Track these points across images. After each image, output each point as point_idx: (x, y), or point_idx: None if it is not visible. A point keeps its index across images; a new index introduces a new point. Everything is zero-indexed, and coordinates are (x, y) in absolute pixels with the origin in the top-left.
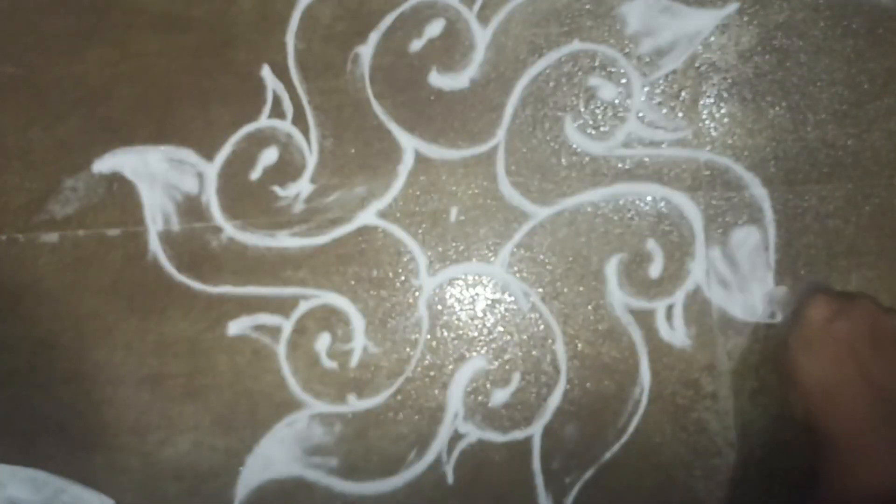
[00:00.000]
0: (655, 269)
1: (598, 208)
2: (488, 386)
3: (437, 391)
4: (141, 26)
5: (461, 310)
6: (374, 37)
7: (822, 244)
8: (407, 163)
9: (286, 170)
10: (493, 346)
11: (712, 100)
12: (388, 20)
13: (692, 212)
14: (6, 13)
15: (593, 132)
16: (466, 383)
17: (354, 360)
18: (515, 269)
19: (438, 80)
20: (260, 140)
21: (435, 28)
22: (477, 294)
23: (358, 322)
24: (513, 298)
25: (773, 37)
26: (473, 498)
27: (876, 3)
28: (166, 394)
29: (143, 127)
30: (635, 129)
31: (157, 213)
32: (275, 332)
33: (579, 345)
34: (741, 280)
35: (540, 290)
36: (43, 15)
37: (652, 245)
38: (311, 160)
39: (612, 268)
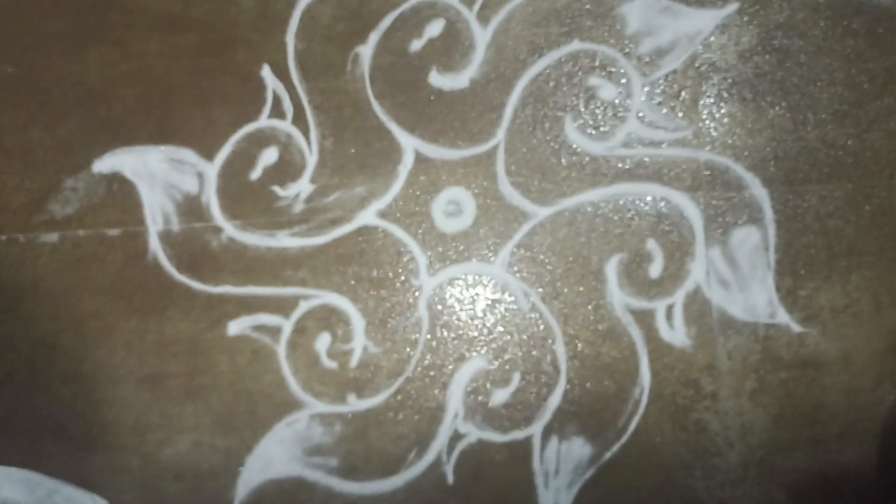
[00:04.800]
0: (655, 269)
1: (598, 208)
2: (488, 386)
3: (437, 391)
4: (141, 26)
5: (461, 310)
6: (374, 37)
7: (822, 244)
8: (407, 163)
9: (286, 170)
10: (493, 346)
11: (712, 100)
12: (388, 20)
13: (692, 212)
14: (6, 13)
15: (593, 132)
16: (466, 383)
17: (354, 360)
18: (515, 269)
19: (438, 80)
20: (260, 140)
21: (435, 28)
22: (477, 294)
23: (358, 322)
24: (513, 298)
25: (773, 37)
26: (473, 498)
27: (876, 3)
28: (166, 394)
29: (143, 127)
30: (635, 129)
31: (157, 213)
32: (275, 332)
33: (579, 345)
34: (741, 280)
35: (540, 290)
36: (43, 15)
37: (652, 245)
38: (311, 160)
39: (612, 268)
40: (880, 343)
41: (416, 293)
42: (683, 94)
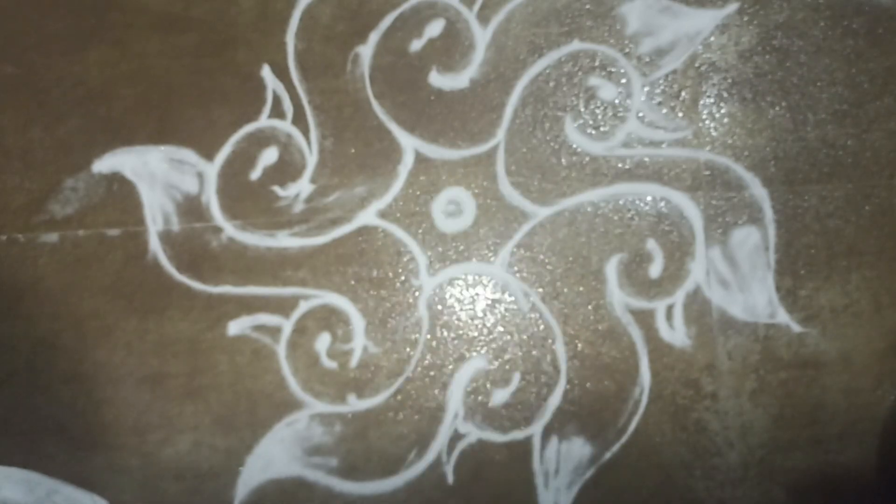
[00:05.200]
0: (655, 269)
1: (598, 208)
2: (488, 386)
3: (437, 391)
4: (141, 26)
5: (461, 310)
6: (374, 37)
7: (822, 244)
8: (407, 163)
9: (286, 170)
10: (493, 346)
11: (712, 100)
12: (388, 20)
13: (692, 212)
14: (6, 13)
15: (593, 132)
16: (466, 383)
17: (354, 360)
18: (515, 269)
19: (438, 80)
20: (260, 140)
21: (435, 28)
22: (477, 294)
23: (358, 322)
24: (513, 298)
25: (773, 37)
26: (473, 498)
27: (876, 3)
28: (166, 394)
29: (143, 127)
30: (635, 129)
31: (157, 213)
32: (275, 332)
33: (579, 345)
34: (741, 280)
35: (540, 290)
36: (43, 15)
37: (652, 245)
38: (311, 160)
39: (612, 268)
40: (880, 343)
41: (416, 293)
42: (683, 94)
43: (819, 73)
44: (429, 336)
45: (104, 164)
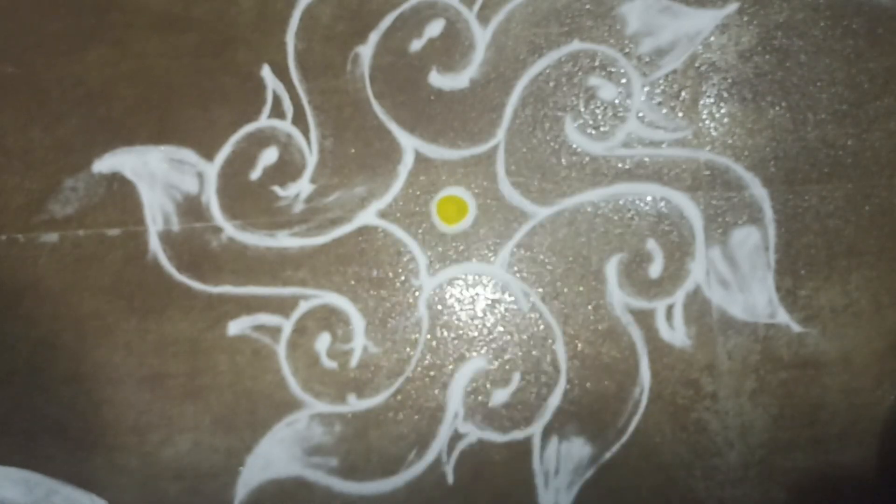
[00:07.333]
0: (655, 269)
1: (598, 208)
2: (488, 386)
3: (437, 391)
4: (141, 26)
5: (461, 310)
6: (374, 37)
7: (822, 244)
8: (407, 163)
9: (286, 170)
10: (493, 346)
11: (712, 100)
12: (388, 20)
13: (692, 212)
14: (6, 13)
15: (593, 132)
16: (466, 383)
17: (354, 360)
18: (515, 269)
19: (438, 80)
20: (260, 140)
21: (435, 28)
22: (477, 294)
23: (358, 322)
24: (513, 298)
25: (773, 37)
26: (473, 498)
27: (876, 3)
28: (166, 394)
29: (143, 127)
30: (635, 129)
31: (157, 213)
32: (275, 332)
33: (579, 345)
34: (741, 280)
35: (540, 290)
36: (43, 15)
37: (652, 245)
38: (311, 160)
39: (612, 268)
40: (880, 343)
41: (416, 293)
42: (683, 94)
43: (819, 73)
44: (429, 336)
45: (104, 164)
